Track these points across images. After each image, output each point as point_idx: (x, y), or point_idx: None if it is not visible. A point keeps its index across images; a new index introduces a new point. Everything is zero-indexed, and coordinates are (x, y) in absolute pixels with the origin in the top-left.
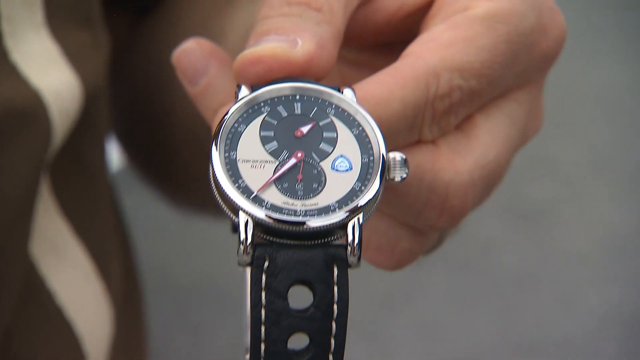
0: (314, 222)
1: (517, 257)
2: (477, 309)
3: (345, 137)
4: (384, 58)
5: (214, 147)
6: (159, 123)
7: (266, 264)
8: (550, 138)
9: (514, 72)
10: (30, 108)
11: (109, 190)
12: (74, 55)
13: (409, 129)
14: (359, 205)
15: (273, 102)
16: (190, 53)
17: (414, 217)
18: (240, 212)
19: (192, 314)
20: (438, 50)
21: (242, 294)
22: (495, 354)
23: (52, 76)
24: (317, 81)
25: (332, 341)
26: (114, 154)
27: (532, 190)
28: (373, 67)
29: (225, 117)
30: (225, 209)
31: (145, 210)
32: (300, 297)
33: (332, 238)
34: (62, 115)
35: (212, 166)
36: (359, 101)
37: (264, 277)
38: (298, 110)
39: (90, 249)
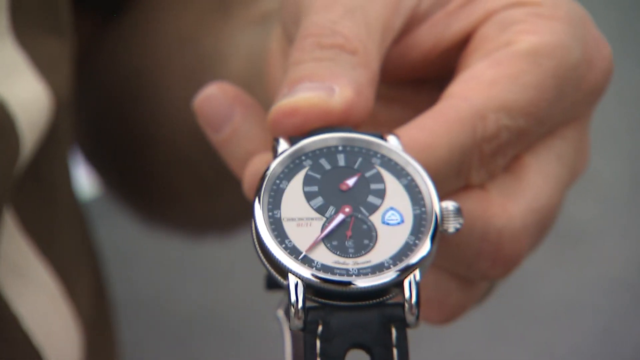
0: (367, 282)
1: (554, 285)
2: (512, 344)
3: (394, 188)
4: (416, 93)
5: (257, 206)
6: (133, 140)
7: (320, 328)
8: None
9: (561, 109)
10: None
11: (74, 207)
12: (42, 65)
13: (456, 174)
14: (413, 262)
15: (315, 154)
16: (213, 99)
17: (465, 268)
18: (290, 275)
19: (190, 347)
20: (482, 90)
21: (249, 328)
22: None
23: (19, 86)
24: (356, 129)
25: None
26: (90, 182)
27: (570, 211)
28: (404, 103)
29: (267, 172)
30: (272, 271)
31: (138, 240)
32: None
33: (388, 297)
34: (31, 128)
35: (256, 227)
36: (403, 148)
37: (318, 343)
38: (342, 162)
39: (56, 269)
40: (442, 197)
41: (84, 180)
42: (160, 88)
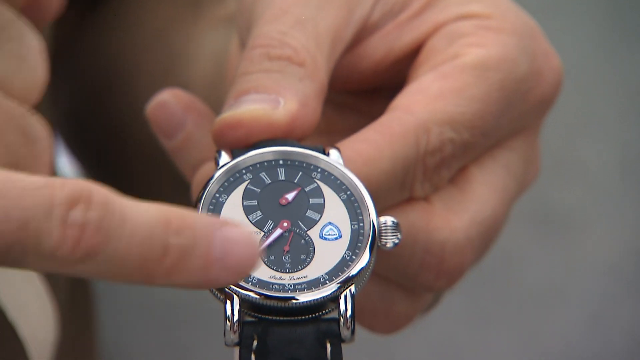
0: (304, 297)
1: (541, 270)
2: (497, 328)
3: (332, 202)
4: (370, 102)
5: None
6: (110, 131)
7: (255, 343)
8: (576, 138)
9: (508, 121)
10: None
11: None
12: None
13: (399, 187)
14: (350, 275)
15: (255, 168)
16: (166, 106)
17: (409, 279)
18: (226, 289)
19: (176, 332)
20: (427, 103)
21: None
22: None
23: None
24: (299, 142)
25: None
26: (72, 169)
27: (557, 197)
28: (359, 111)
29: (207, 187)
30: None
31: None
32: None
33: (324, 312)
34: None
35: None
36: (345, 161)
37: (253, 357)
38: (282, 176)
39: None
40: (385, 210)
41: (65, 166)
42: (132, 83)
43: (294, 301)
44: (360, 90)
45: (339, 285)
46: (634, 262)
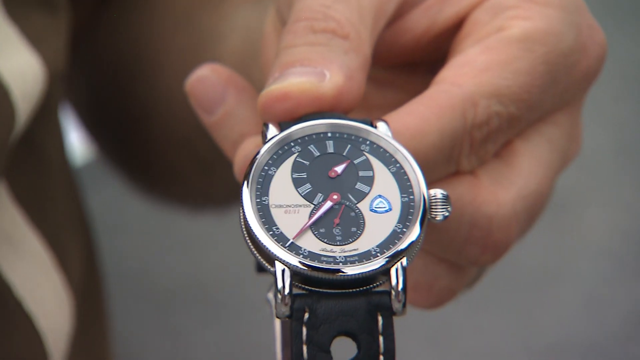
0: (354, 270)
1: (536, 253)
2: (491, 310)
3: (382, 175)
4: (409, 77)
5: (245, 192)
6: (130, 115)
7: (306, 316)
8: None
9: (553, 95)
10: None
11: (67, 177)
12: (34, 37)
13: (446, 160)
14: (400, 249)
15: (304, 141)
16: (205, 80)
17: (455, 254)
18: (277, 262)
19: (173, 317)
20: (473, 76)
21: (233, 303)
22: (512, 359)
23: (12, 58)
24: (347, 114)
25: None
26: (82, 146)
27: None
28: (397, 86)
29: (256, 158)
30: (259, 258)
31: (122, 210)
32: (344, 349)
33: (375, 284)
34: (25, 99)
35: (244, 213)
36: (393, 135)
37: (304, 329)
38: (331, 149)
39: (47, 238)
40: (432, 184)
41: (77, 144)
42: (158, 65)
43: (341, 273)
44: (399, 65)
45: (389, 258)
46: (629, 244)
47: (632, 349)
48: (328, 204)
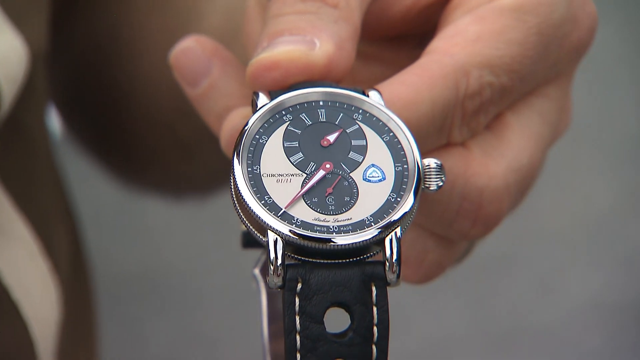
0: (348, 239)
1: (490, 238)
2: (446, 295)
3: (375, 144)
4: (396, 51)
5: (235, 162)
6: (109, 98)
7: (299, 286)
8: None
9: (544, 66)
10: None
11: (51, 160)
12: (15, 16)
13: (438, 131)
14: (394, 219)
15: (295, 109)
16: (190, 52)
17: (445, 227)
18: (269, 231)
19: (131, 307)
20: (465, 46)
21: (185, 292)
22: (467, 344)
23: None
24: (336, 84)
25: None
26: (55, 122)
27: None
28: (384, 60)
29: (246, 127)
30: (250, 228)
31: (78, 195)
32: (337, 320)
33: (369, 255)
34: (9, 80)
35: (236, 182)
36: (385, 104)
37: (297, 300)
38: (322, 118)
39: (34, 224)
40: (423, 154)
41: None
42: (134, 47)
43: (333, 243)
44: (386, 39)
45: (383, 227)
46: (582, 229)
47: (586, 334)
48: (320, 172)
